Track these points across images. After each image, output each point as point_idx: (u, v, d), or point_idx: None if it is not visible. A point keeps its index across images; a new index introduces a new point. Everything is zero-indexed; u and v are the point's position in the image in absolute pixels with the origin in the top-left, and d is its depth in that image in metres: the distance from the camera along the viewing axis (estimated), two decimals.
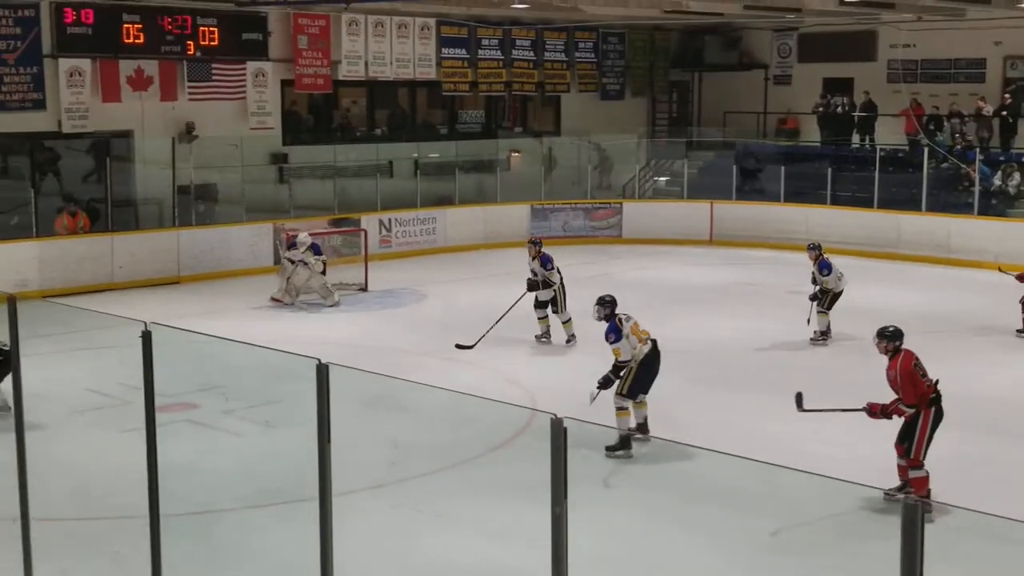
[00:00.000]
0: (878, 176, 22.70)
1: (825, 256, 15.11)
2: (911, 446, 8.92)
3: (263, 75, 21.49)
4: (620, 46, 27.49)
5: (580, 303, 17.31)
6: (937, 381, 9.00)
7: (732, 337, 15.22)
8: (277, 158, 22.04)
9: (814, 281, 15.06)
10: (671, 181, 26.35)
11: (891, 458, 9.16)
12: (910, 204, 22.29)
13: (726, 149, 26.33)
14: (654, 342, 10.59)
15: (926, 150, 22.74)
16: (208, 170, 20.50)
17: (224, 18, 20.77)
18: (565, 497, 4.37)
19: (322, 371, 5.11)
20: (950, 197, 22.71)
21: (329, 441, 5.15)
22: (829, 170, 23.31)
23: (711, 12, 23.24)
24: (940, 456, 9.19)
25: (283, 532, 8.46)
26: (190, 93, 20.54)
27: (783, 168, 23.70)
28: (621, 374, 10.45)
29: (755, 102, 27.51)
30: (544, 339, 14.88)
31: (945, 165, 23.41)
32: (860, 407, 9.26)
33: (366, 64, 22.91)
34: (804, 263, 15.91)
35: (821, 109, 25.61)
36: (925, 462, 8.97)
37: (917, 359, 9.01)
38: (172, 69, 20.27)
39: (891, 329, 9.18)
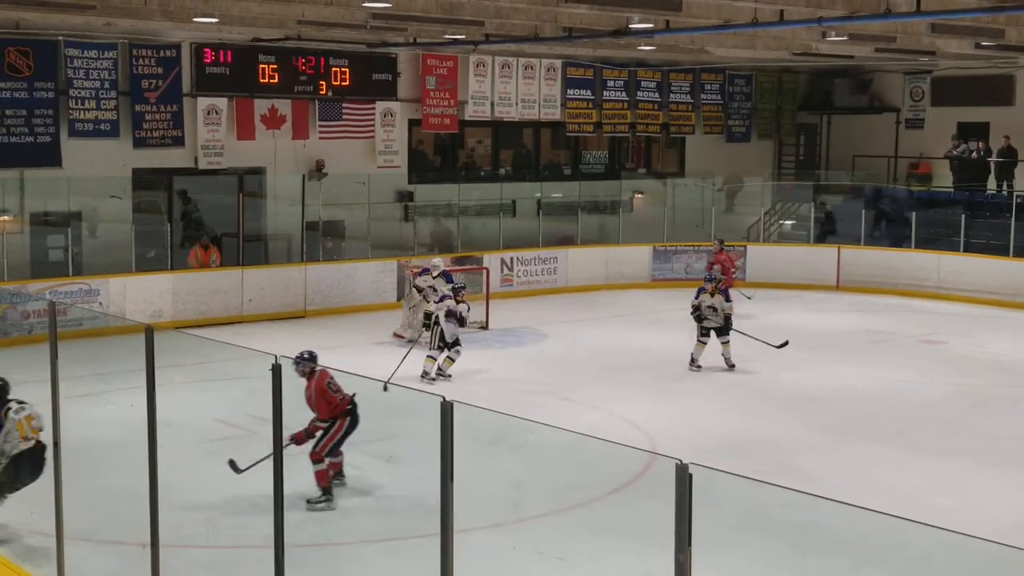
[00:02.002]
0: (1014, 223, 22.01)
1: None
2: (318, 443, 9.81)
3: (391, 115, 21.90)
4: (747, 88, 27.27)
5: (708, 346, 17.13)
6: (354, 395, 9.81)
7: (857, 385, 14.86)
8: (403, 196, 22.38)
9: (699, 315, 15.43)
10: (797, 225, 25.95)
11: (1018, 513, 8.82)
12: None
13: (854, 193, 25.85)
14: (39, 443, 8.63)
15: None
16: (336, 207, 20.90)
17: (355, 59, 21.25)
18: (689, 544, 4.30)
19: (446, 408, 5.13)
20: None
21: (452, 479, 5.15)
22: (963, 216, 22.69)
23: (841, 55, 22.90)
24: None
25: (402, 567, 8.49)
26: (321, 132, 21.04)
27: (914, 213, 23.17)
28: None
29: (886, 146, 26.94)
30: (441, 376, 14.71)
31: None
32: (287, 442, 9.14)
33: (492, 104, 23.17)
34: (934, 311, 15.51)
35: (955, 153, 24.94)
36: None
37: (331, 378, 9.79)
38: (304, 108, 20.81)
39: (305, 354, 10.02)
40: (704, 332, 15.49)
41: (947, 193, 25.03)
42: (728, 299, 15.51)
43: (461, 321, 14.87)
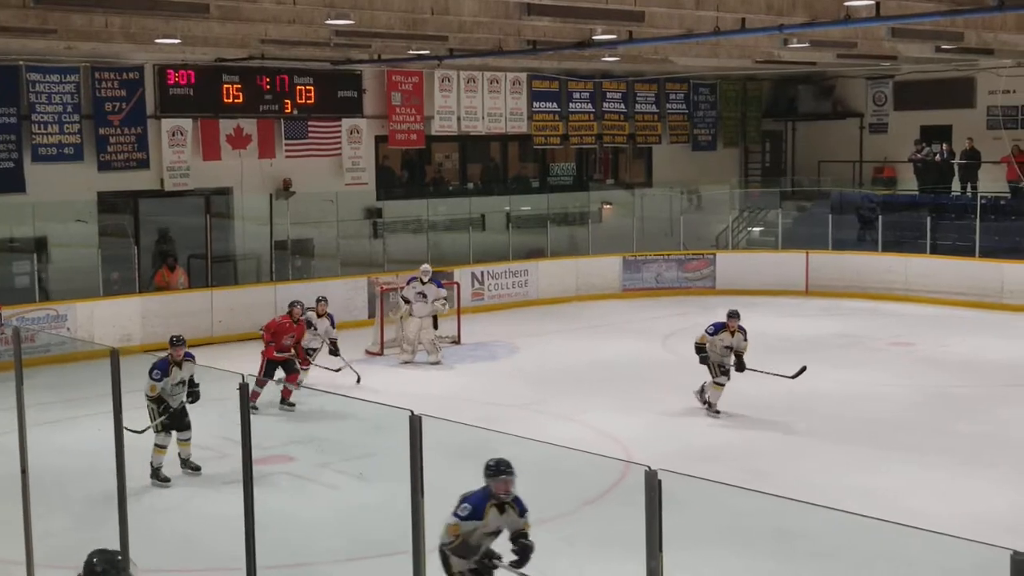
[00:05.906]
0: (979, 224, 22.22)
1: None
2: None
3: (358, 132, 21.87)
4: (711, 97, 27.41)
5: (675, 355, 17.18)
6: None
7: (828, 389, 14.92)
8: (371, 213, 22.33)
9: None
10: (765, 231, 26.09)
11: (995, 512, 8.86)
12: (1014, 253, 21.74)
13: (821, 198, 26.03)
14: None
15: None
16: (304, 225, 20.83)
17: (320, 77, 21.21)
18: (660, 550, 4.30)
19: (415, 423, 5.11)
20: None
21: (422, 494, 5.13)
22: (928, 219, 22.88)
23: (804, 61, 23.05)
24: None
25: None
26: (287, 150, 20.98)
27: (880, 217, 23.36)
28: None
29: (850, 151, 27.15)
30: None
31: None
32: None
33: (458, 119, 23.17)
34: (903, 313, 15.50)
35: (919, 156, 25.16)
36: None
37: None
38: (270, 127, 20.74)
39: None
40: (723, 372, 13.62)
41: (912, 196, 25.24)
42: (744, 337, 13.60)
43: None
